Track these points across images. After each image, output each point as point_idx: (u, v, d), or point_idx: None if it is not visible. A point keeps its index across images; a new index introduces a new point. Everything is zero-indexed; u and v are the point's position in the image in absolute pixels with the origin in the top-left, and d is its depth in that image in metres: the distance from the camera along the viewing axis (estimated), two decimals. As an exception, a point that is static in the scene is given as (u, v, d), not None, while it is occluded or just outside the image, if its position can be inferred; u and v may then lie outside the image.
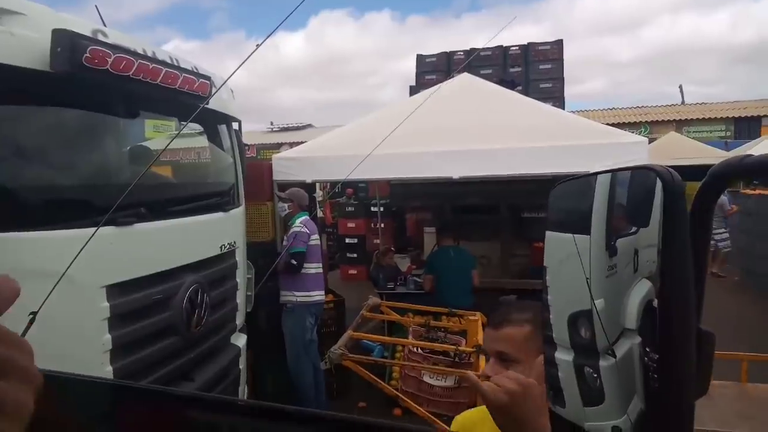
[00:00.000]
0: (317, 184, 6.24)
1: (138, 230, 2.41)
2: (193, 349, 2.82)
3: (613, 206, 1.25)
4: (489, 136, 4.64)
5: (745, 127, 18.48)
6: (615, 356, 1.19)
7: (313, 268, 4.56)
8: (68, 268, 1.60)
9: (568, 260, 1.31)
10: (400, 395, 2.77)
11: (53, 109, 2.20)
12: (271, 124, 28.08)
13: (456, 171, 4.50)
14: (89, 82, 2.13)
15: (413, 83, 9.47)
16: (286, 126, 27.07)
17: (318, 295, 4.56)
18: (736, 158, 0.88)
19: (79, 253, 1.59)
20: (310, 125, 25.81)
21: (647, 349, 1.13)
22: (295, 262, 4.39)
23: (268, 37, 1.70)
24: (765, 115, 18.63)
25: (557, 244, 1.44)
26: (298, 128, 25.73)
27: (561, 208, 1.47)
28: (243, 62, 1.76)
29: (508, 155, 4.40)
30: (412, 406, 2.65)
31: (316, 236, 4.66)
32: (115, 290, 2.26)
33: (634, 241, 1.24)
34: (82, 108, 2.33)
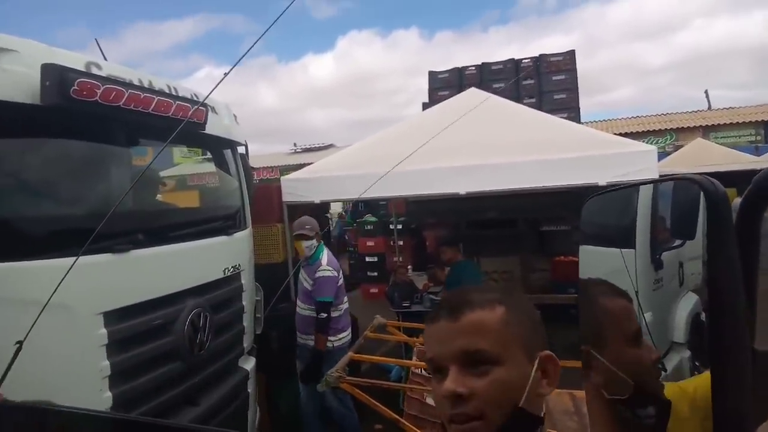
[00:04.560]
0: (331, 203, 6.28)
1: (136, 256, 2.45)
2: (198, 374, 2.83)
3: (656, 219, 1.19)
4: (496, 150, 4.62)
5: (776, 130, 17.95)
6: (665, 370, 1.12)
7: (343, 305, 4.26)
8: (51, 296, 1.62)
9: (611, 275, 1.24)
10: (400, 419, 2.71)
11: (48, 141, 2.27)
12: (294, 145, 28.50)
13: (463, 186, 4.48)
14: (83, 113, 2.19)
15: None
16: (308, 146, 27.41)
17: (349, 333, 4.25)
18: None
19: (60, 282, 1.62)
20: (332, 145, 26.07)
21: (697, 364, 1.07)
22: (324, 315, 3.97)
23: (242, 57, 1.73)
24: (796, 117, 18.08)
25: (594, 259, 1.38)
26: (320, 148, 26.01)
27: (597, 222, 1.41)
28: (219, 82, 1.81)
29: (515, 169, 4.36)
30: (412, 429, 2.59)
31: (340, 271, 4.30)
32: (112, 316, 2.29)
33: (679, 253, 1.18)
34: (78, 138, 2.39)
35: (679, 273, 1.20)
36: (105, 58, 2.76)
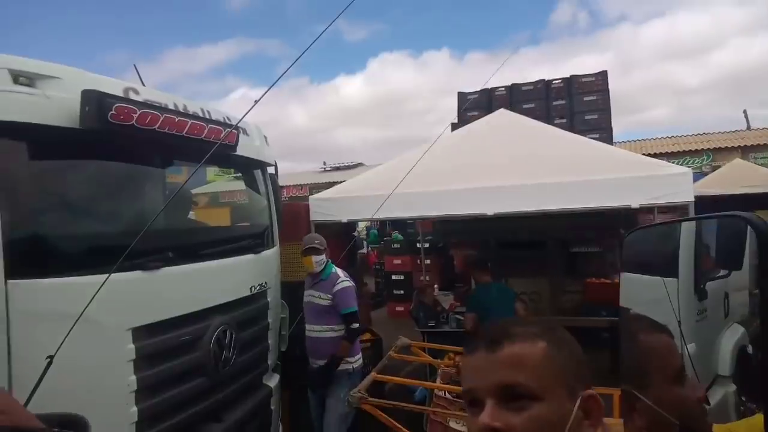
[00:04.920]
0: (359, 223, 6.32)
1: (166, 274, 2.52)
2: (222, 390, 2.87)
3: (701, 247, 1.17)
4: (525, 171, 4.58)
5: (819, 151, 17.30)
6: (709, 404, 1.08)
7: None
8: (83, 312, 1.69)
9: (652, 304, 1.20)
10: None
11: (87, 163, 2.37)
12: (324, 163, 28.84)
13: (491, 207, 4.45)
14: (121, 136, 2.28)
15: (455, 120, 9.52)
16: (338, 165, 27.70)
17: (360, 356, 4.06)
18: None
19: (92, 298, 1.69)
20: (361, 164, 26.28)
21: (743, 399, 1.04)
22: (356, 325, 3.83)
23: (271, 86, 1.80)
24: (841, 138, 17.39)
25: (636, 287, 1.35)
26: (349, 167, 26.23)
27: (640, 250, 1.39)
28: (250, 109, 1.90)
29: (544, 190, 4.32)
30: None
31: None
32: (141, 332, 2.35)
33: (725, 283, 1.16)
34: (115, 160, 2.50)
35: (725, 304, 1.16)
36: (143, 83, 2.88)
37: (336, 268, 3.99)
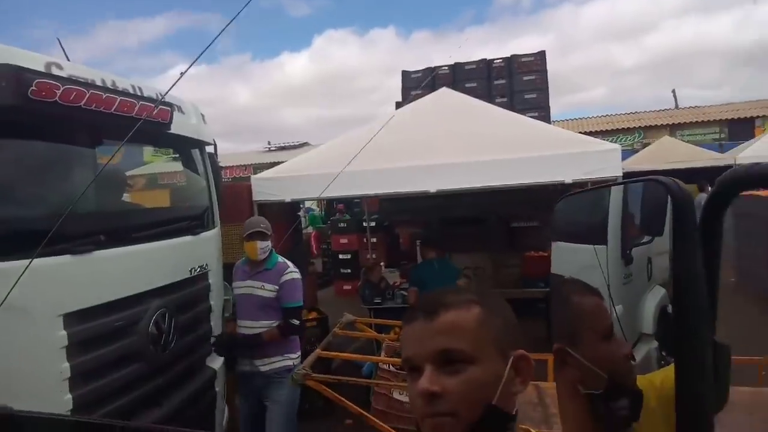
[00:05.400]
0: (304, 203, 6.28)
1: (98, 257, 2.43)
2: (161, 374, 2.82)
3: (627, 216, 1.24)
4: (466, 149, 4.69)
5: (739, 128, 18.49)
6: (634, 360, 1.17)
7: None
8: (5, 299, 1.61)
9: (583, 270, 1.27)
10: (365, 414, 2.77)
11: (5, 142, 2.22)
12: (269, 143, 28.23)
13: (433, 184, 4.53)
14: (43, 114, 2.16)
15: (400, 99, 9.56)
16: (283, 145, 27.18)
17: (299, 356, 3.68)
18: (744, 166, 0.87)
19: (14, 284, 1.61)
20: (306, 143, 25.92)
21: (664, 353, 1.13)
22: (297, 322, 3.49)
23: (203, 52, 1.73)
24: (758, 116, 18.64)
25: (567, 255, 1.42)
26: (294, 147, 25.81)
27: (570, 220, 1.45)
28: (177, 80, 1.84)
29: (483, 167, 4.44)
30: (377, 424, 2.64)
31: None
32: (72, 318, 2.26)
33: (648, 249, 1.23)
34: (38, 139, 2.36)
35: (648, 268, 1.25)
36: (68, 58, 2.73)
37: (281, 257, 3.61)
